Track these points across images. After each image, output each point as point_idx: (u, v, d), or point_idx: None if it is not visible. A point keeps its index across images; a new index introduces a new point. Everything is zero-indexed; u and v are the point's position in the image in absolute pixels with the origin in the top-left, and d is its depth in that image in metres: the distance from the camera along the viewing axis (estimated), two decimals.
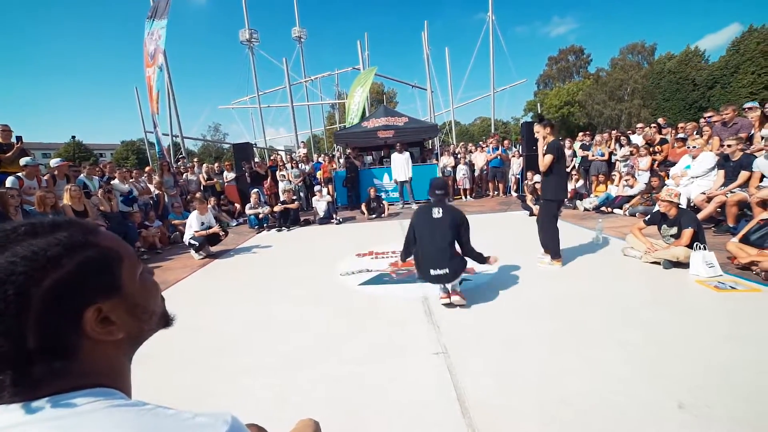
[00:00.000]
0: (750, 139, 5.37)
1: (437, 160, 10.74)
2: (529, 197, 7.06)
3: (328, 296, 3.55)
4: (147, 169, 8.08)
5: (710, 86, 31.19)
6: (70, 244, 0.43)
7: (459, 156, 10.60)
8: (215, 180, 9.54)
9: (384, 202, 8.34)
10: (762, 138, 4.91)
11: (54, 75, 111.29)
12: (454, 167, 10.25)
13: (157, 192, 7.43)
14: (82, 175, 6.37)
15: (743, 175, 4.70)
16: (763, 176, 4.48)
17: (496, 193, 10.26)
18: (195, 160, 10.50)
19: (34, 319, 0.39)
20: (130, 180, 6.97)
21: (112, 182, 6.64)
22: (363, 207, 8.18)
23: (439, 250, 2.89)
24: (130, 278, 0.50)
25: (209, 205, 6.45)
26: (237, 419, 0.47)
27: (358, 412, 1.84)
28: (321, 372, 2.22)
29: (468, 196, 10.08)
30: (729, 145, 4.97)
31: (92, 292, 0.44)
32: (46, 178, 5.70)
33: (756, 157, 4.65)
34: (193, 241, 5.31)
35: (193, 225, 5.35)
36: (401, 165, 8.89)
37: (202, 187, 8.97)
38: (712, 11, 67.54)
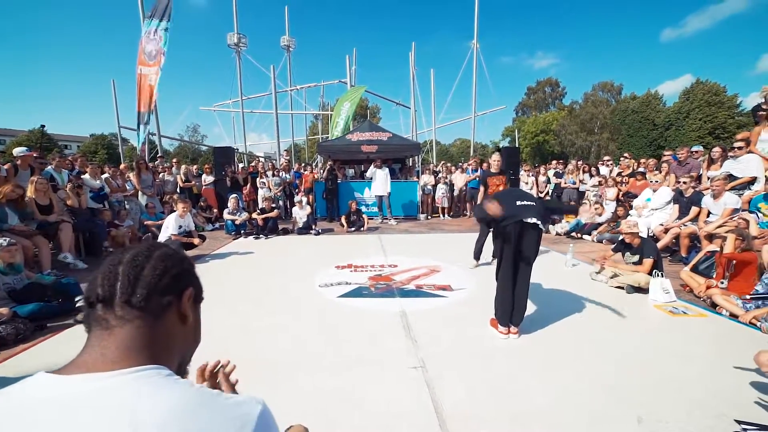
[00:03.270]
0: (699, 178, 5.94)
1: (418, 177, 10.99)
2: None
3: (307, 307, 3.53)
4: (122, 167, 7.76)
5: (667, 127, 34.11)
6: (195, 271, 0.74)
7: (440, 175, 10.90)
8: (193, 182, 9.29)
9: (364, 215, 8.41)
10: (708, 178, 5.44)
11: (18, 54, 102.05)
12: (434, 186, 10.53)
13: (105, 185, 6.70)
14: (50, 167, 6.05)
15: (694, 210, 5.17)
16: (709, 212, 4.94)
17: (473, 213, 10.59)
18: (174, 160, 10.19)
19: (174, 269, 0.66)
20: (103, 176, 6.68)
21: (82, 177, 6.35)
22: (343, 219, 8.20)
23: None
24: (199, 309, 0.73)
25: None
26: (266, 403, 0.58)
27: (335, 425, 1.85)
28: (297, 384, 2.21)
29: (446, 215, 10.33)
30: (684, 182, 5.48)
31: (195, 287, 0.70)
32: (6, 167, 5.36)
33: (704, 195, 5.14)
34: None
35: (170, 227, 5.18)
36: (381, 180, 9.06)
37: (178, 189, 8.70)
38: (671, 61, 76.53)
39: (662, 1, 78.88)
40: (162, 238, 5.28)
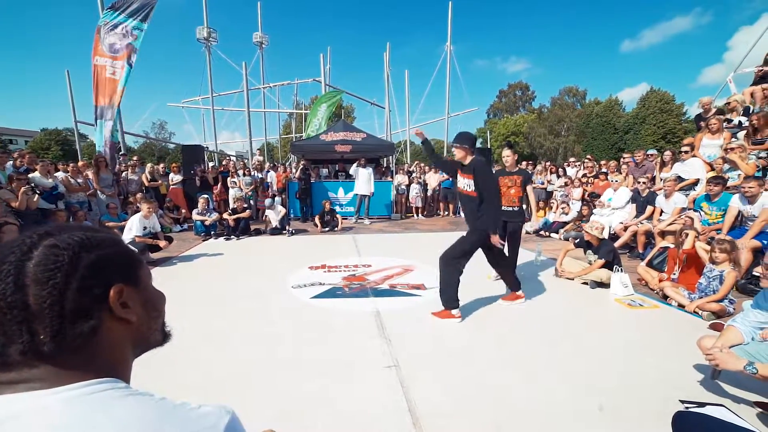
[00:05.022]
0: (654, 179, 6.39)
1: (392, 177, 11.06)
2: None
3: (280, 309, 3.47)
4: (80, 164, 7.28)
5: (626, 131, 36.47)
6: (112, 239, 0.56)
7: (413, 175, 11.02)
8: (160, 182, 8.86)
9: (338, 215, 8.36)
10: (661, 179, 5.88)
11: None
12: (408, 186, 10.64)
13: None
14: None
15: (649, 209, 5.56)
16: (662, 211, 5.33)
17: (446, 213, 10.79)
18: (134, 158, 9.68)
19: (76, 280, 0.48)
20: (56, 174, 6.23)
21: (30, 175, 5.88)
22: (317, 219, 8.11)
23: (468, 214, 3.32)
24: (146, 279, 0.60)
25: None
26: (235, 413, 0.53)
27: (308, 426, 1.84)
28: (270, 386, 2.18)
29: (420, 215, 10.46)
30: (643, 182, 5.87)
31: (119, 274, 0.53)
32: None
33: (658, 195, 5.54)
34: (131, 247, 4.88)
35: (133, 228, 4.92)
36: (365, 179, 8.97)
37: (143, 189, 8.29)
38: (630, 70, 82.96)
39: (622, 15, 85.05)
40: (125, 240, 5.00)
